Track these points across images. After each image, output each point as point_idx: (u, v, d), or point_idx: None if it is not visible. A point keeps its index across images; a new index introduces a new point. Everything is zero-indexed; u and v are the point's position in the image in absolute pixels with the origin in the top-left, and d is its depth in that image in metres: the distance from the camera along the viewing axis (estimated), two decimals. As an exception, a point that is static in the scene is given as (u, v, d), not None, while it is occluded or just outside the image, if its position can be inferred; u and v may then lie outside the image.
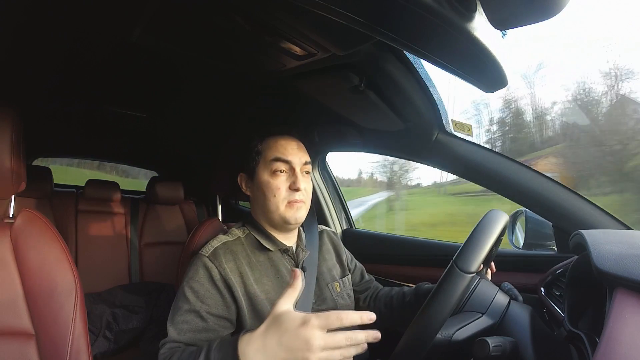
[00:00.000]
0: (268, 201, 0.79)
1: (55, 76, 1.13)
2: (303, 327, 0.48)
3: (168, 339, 0.69)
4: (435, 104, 0.93)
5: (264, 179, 0.80)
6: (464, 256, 0.56)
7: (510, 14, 0.47)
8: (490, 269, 0.83)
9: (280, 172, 0.80)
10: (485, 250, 0.57)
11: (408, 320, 0.84)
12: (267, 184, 0.80)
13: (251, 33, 0.72)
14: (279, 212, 0.79)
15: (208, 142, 1.79)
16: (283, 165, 0.80)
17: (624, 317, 0.44)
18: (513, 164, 0.91)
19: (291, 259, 0.83)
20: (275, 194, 0.79)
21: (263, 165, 0.81)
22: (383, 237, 1.38)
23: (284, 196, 0.79)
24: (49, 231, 0.74)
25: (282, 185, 0.79)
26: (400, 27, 0.51)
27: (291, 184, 0.79)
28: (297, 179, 0.79)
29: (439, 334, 0.58)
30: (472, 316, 0.64)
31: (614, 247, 0.53)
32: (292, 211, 0.79)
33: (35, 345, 0.67)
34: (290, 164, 0.80)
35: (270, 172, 0.80)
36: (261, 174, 0.81)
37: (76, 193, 1.77)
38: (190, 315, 0.71)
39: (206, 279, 0.74)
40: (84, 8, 0.74)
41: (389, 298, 0.92)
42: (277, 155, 0.80)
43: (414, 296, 0.86)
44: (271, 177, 0.80)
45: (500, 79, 0.63)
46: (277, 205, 0.79)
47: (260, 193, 0.81)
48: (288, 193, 0.79)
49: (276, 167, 0.79)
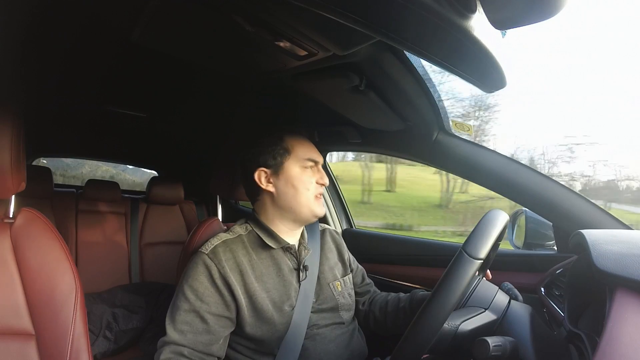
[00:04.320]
0: (300, 194, 0.82)
1: (55, 76, 1.13)
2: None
3: (168, 340, 0.69)
4: (435, 104, 0.93)
5: (294, 173, 0.83)
6: (473, 242, 0.56)
7: (510, 14, 0.47)
8: (486, 276, 0.82)
9: (309, 168, 0.85)
10: (492, 239, 0.57)
11: (399, 325, 0.84)
12: (299, 178, 0.83)
13: (251, 33, 0.72)
14: (309, 205, 0.82)
15: (208, 142, 1.79)
16: (313, 162, 0.85)
17: (624, 317, 0.44)
18: (513, 163, 0.91)
19: (293, 257, 0.83)
20: (308, 187, 0.83)
21: (294, 160, 0.84)
22: (383, 237, 1.38)
23: (312, 189, 0.83)
24: (49, 231, 0.74)
25: (312, 179, 0.84)
26: (400, 27, 0.51)
27: (318, 178, 0.85)
28: (323, 174, 0.86)
29: (446, 323, 0.58)
30: (475, 310, 0.64)
31: (614, 247, 0.53)
32: (319, 206, 0.84)
33: (35, 345, 0.67)
34: (317, 162, 0.86)
35: (301, 167, 0.83)
36: (292, 169, 0.83)
37: (76, 193, 1.77)
38: (191, 315, 0.71)
39: (205, 277, 0.74)
40: (84, 8, 0.74)
41: (384, 303, 0.92)
42: (310, 154, 0.85)
43: (408, 303, 0.86)
44: (303, 171, 0.83)
45: (500, 79, 0.62)
46: (308, 198, 0.82)
47: (289, 186, 0.83)
48: (316, 187, 0.84)
49: (308, 163, 0.84)
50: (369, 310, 0.94)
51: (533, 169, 0.89)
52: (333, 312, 0.84)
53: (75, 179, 3.37)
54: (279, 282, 0.79)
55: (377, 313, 0.92)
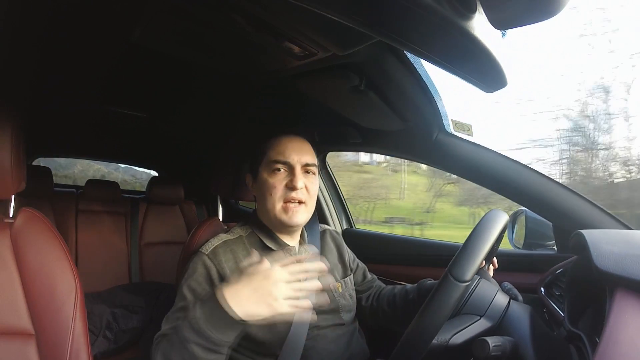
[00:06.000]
0: (266, 200, 0.79)
1: (55, 76, 1.13)
2: (266, 279, 0.60)
3: (159, 333, 0.70)
4: (435, 104, 0.93)
5: (263, 178, 0.81)
6: (459, 265, 0.56)
7: (510, 14, 0.47)
8: (493, 264, 0.83)
9: (278, 171, 0.79)
10: (481, 257, 0.57)
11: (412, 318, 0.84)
12: (265, 183, 0.80)
13: (251, 33, 0.72)
14: (274, 213, 0.78)
15: (208, 142, 1.79)
16: (282, 164, 0.79)
17: (624, 317, 0.44)
18: (513, 163, 0.91)
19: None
20: (271, 193, 0.78)
21: (264, 164, 0.82)
22: (383, 237, 1.38)
23: (280, 195, 0.78)
24: (49, 231, 0.74)
25: (278, 184, 0.78)
26: (400, 27, 0.51)
27: (288, 182, 0.78)
28: (295, 177, 0.78)
29: (435, 339, 0.58)
30: (469, 319, 0.64)
31: (614, 247, 0.53)
32: (287, 216, 0.78)
33: (35, 345, 0.67)
34: (289, 164, 0.79)
35: (269, 171, 0.80)
36: (262, 174, 0.82)
37: (76, 193, 1.77)
38: (184, 312, 0.71)
39: (204, 277, 0.74)
40: (84, 8, 0.74)
41: (391, 297, 0.91)
42: (277, 156, 0.80)
43: (417, 293, 0.85)
44: (269, 175, 0.80)
45: (500, 79, 0.62)
46: (274, 204, 0.78)
47: (260, 192, 0.82)
48: (284, 191, 0.78)
49: (275, 166, 0.79)
50: (377, 305, 0.93)
51: (533, 169, 0.89)
52: (334, 314, 0.84)
53: (67, 178, 3.38)
54: None
55: (385, 308, 0.91)
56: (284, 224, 0.79)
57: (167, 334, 0.67)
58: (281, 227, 0.82)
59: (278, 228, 0.83)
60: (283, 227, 0.82)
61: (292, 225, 0.79)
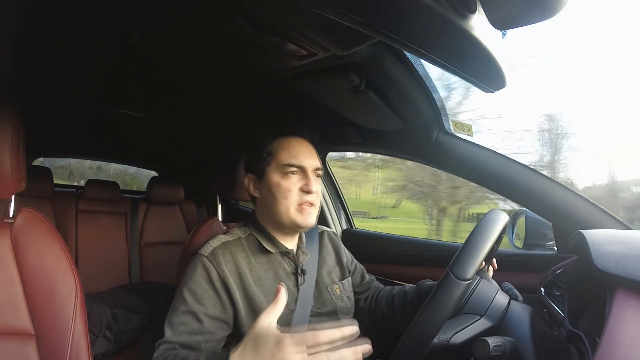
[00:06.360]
0: (278, 203, 0.77)
1: (55, 76, 1.13)
2: (277, 347, 0.49)
3: (164, 340, 0.69)
4: (435, 104, 0.93)
5: (274, 180, 0.79)
6: (460, 263, 0.56)
7: (510, 14, 0.48)
8: (492, 265, 0.83)
9: (292, 174, 0.78)
10: (482, 256, 0.57)
11: (411, 319, 0.84)
12: (277, 186, 0.78)
13: (251, 33, 0.72)
14: (289, 216, 0.77)
15: (208, 142, 1.79)
16: (296, 168, 0.78)
17: (624, 317, 0.44)
18: (513, 163, 0.91)
19: (291, 261, 0.83)
20: (286, 196, 0.77)
21: (275, 166, 0.80)
22: (383, 237, 1.38)
23: (294, 198, 0.77)
24: (49, 231, 0.74)
25: (293, 187, 0.77)
26: (400, 27, 0.51)
27: (303, 185, 0.77)
28: (310, 181, 0.77)
29: (436, 338, 0.58)
30: (470, 319, 0.64)
31: (614, 247, 0.53)
32: (302, 217, 0.77)
33: (35, 345, 0.67)
34: (303, 168, 0.79)
35: (281, 174, 0.78)
36: (272, 175, 0.79)
37: (76, 193, 1.77)
38: (187, 316, 0.71)
39: (204, 279, 0.74)
40: (84, 8, 0.74)
41: (390, 298, 0.91)
42: (290, 159, 0.78)
43: (416, 294, 0.85)
44: (282, 178, 0.78)
45: (500, 79, 0.62)
46: (288, 208, 0.77)
47: (269, 195, 0.80)
48: (299, 195, 0.77)
49: (289, 169, 0.78)
50: (375, 306, 0.93)
51: (533, 169, 0.89)
52: (332, 316, 0.84)
53: (64, 169, 3.40)
54: (276, 286, 0.79)
55: (384, 309, 0.91)
56: (299, 225, 0.78)
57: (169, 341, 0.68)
58: (291, 230, 0.81)
59: (287, 231, 0.82)
60: (295, 230, 0.81)
61: (307, 226, 0.79)
